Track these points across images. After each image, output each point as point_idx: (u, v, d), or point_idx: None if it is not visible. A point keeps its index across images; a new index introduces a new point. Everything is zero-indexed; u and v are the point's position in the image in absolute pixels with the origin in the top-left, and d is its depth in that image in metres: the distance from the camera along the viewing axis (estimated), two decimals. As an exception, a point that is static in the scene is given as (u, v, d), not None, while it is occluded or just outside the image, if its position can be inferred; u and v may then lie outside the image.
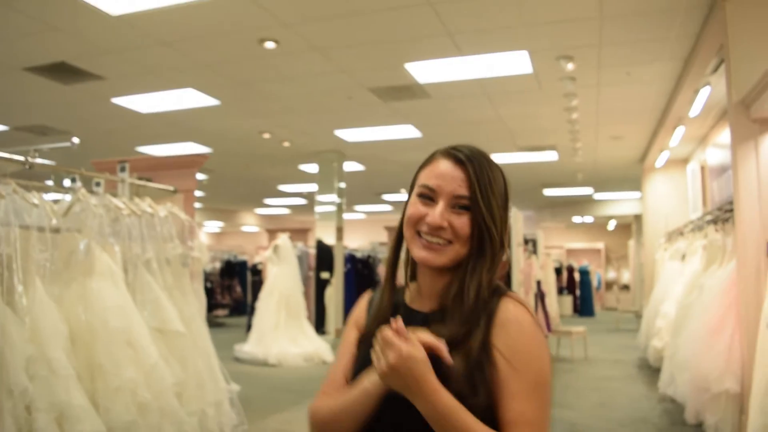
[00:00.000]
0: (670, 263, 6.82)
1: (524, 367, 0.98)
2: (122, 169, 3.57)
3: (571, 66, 5.06)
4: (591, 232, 18.88)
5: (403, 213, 1.13)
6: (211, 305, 11.96)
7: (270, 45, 4.69)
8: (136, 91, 5.92)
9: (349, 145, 8.45)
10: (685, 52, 4.85)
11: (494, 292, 1.07)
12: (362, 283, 10.28)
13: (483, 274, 1.06)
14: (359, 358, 1.12)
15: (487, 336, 1.01)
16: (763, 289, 3.21)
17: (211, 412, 3.35)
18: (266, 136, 7.88)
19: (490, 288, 1.07)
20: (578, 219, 15.92)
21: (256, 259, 13.59)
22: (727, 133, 3.93)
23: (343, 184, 9.28)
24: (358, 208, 17.23)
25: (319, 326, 8.88)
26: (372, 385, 1.02)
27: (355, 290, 9.92)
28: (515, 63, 5.11)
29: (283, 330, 7.95)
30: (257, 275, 11.98)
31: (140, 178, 3.80)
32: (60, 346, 2.40)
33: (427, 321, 1.05)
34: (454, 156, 1.08)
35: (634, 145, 8.59)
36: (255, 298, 8.98)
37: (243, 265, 14.11)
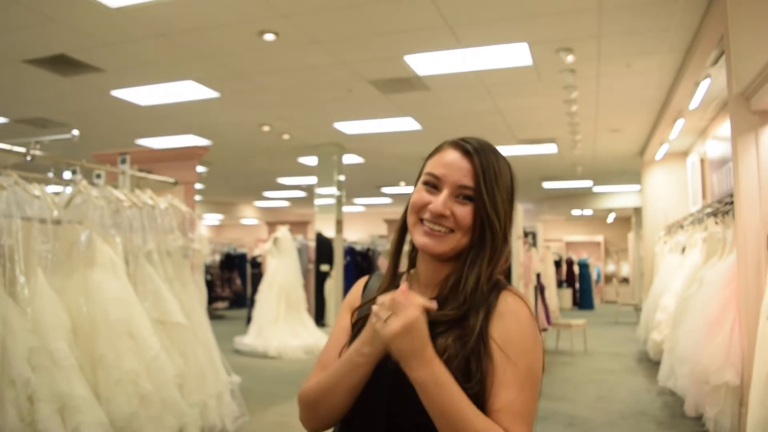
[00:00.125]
0: (670, 256, 6.84)
1: (518, 358, 0.99)
2: (123, 161, 3.57)
3: (570, 58, 5.05)
4: (590, 225, 18.88)
5: (408, 201, 1.14)
6: (211, 298, 11.97)
7: (269, 37, 4.67)
8: (136, 84, 5.90)
9: (349, 137, 8.44)
10: (686, 44, 4.84)
11: (494, 286, 1.07)
12: (361, 276, 10.18)
13: (483, 266, 1.07)
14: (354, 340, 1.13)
15: (485, 326, 1.02)
16: (763, 282, 3.22)
17: (212, 404, 3.37)
18: (266, 128, 7.87)
19: (491, 281, 1.08)
20: (577, 212, 15.91)
21: (256, 252, 13.61)
22: (727, 126, 3.93)
23: (343, 177, 9.27)
24: (358, 200, 17.22)
25: (319, 318, 8.90)
26: (361, 357, 1.01)
27: (355, 283, 9.89)
28: (515, 55, 5.09)
29: (283, 322, 7.98)
30: (257, 268, 12.02)
31: (141, 171, 3.80)
32: (62, 337, 2.41)
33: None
34: (462, 147, 1.10)
35: (634, 137, 8.57)
36: (255, 290, 9.00)
37: (242, 257, 14.14)
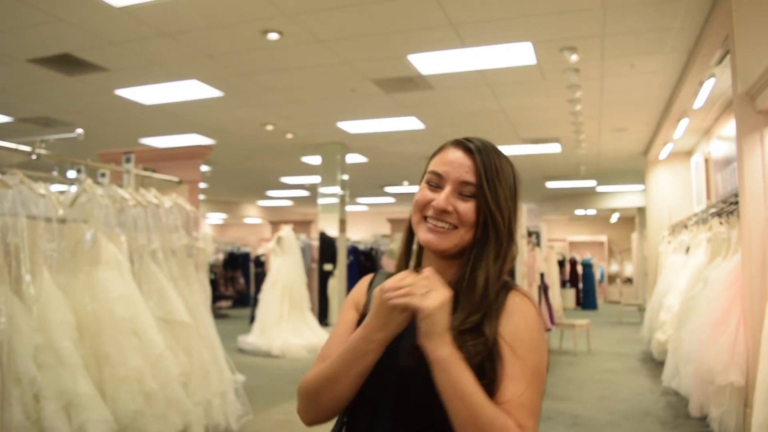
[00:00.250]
0: (674, 256, 6.82)
1: (526, 354, 1.01)
2: (127, 160, 3.57)
3: (574, 57, 5.04)
4: (594, 224, 18.85)
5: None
6: (215, 297, 11.97)
7: (273, 36, 4.68)
8: (140, 83, 5.91)
9: (352, 136, 8.44)
10: (690, 43, 4.83)
11: (503, 287, 1.09)
12: (365, 275, 10.23)
13: (489, 263, 1.08)
14: None
15: (496, 327, 1.03)
16: (768, 281, 3.21)
17: (216, 402, 3.38)
18: (269, 127, 7.88)
19: (500, 281, 1.09)
20: (581, 212, 15.90)
21: (259, 251, 13.63)
22: (732, 125, 3.92)
23: (346, 176, 9.27)
24: (361, 200, 17.22)
25: (322, 318, 8.91)
26: (371, 343, 1.01)
27: (358, 282, 9.91)
28: (518, 54, 5.09)
29: (287, 321, 7.99)
30: (260, 267, 12.05)
31: (145, 170, 3.81)
32: (67, 336, 2.41)
33: None
34: (464, 145, 1.12)
35: (638, 137, 8.55)
36: (258, 289, 9.01)
37: (246, 256, 14.16)
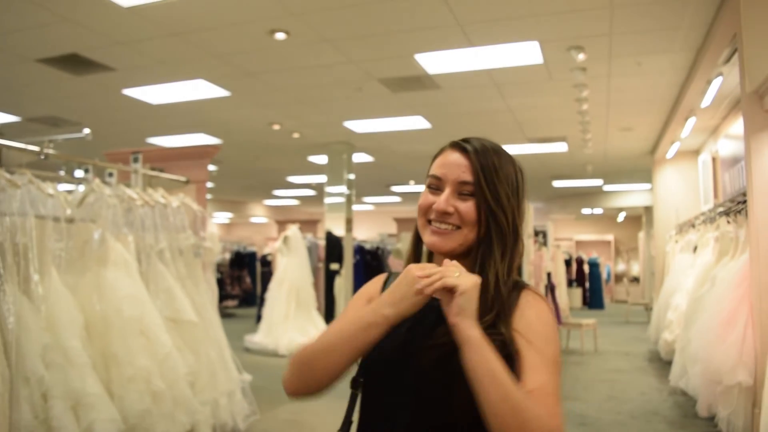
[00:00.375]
0: (681, 255, 6.79)
1: (543, 346, 1.02)
2: (135, 160, 3.59)
3: (581, 56, 5.02)
4: (601, 223, 18.79)
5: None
6: (221, 296, 11.99)
7: (280, 36, 4.68)
8: (147, 82, 5.93)
9: (359, 136, 8.44)
10: (697, 42, 4.80)
11: (515, 286, 1.11)
12: (371, 274, 10.10)
13: (497, 261, 1.09)
14: None
15: (511, 325, 1.05)
16: (776, 281, 3.20)
17: (223, 402, 3.39)
18: (276, 127, 7.89)
19: (511, 279, 1.11)
20: (588, 211, 15.85)
21: (266, 250, 13.65)
22: (740, 124, 3.90)
23: (352, 176, 9.27)
24: (367, 199, 17.22)
25: (329, 317, 8.91)
26: (379, 317, 1.02)
27: (364, 281, 9.79)
28: (525, 53, 5.08)
29: (293, 320, 8.00)
30: (267, 266, 12.05)
31: (153, 169, 3.82)
32: (75, 335, 2.42)
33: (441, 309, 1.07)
34: (460, 146, 1.14)
35: (645, 136, 8.52)
36: (264, 289, 9.03)
37: (252, 256, 14.18)
